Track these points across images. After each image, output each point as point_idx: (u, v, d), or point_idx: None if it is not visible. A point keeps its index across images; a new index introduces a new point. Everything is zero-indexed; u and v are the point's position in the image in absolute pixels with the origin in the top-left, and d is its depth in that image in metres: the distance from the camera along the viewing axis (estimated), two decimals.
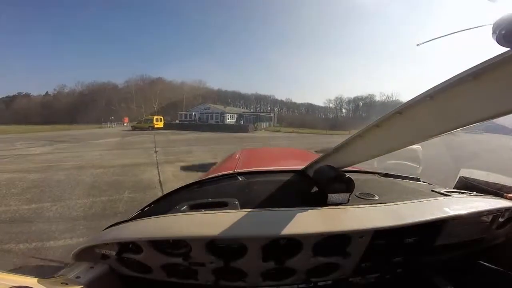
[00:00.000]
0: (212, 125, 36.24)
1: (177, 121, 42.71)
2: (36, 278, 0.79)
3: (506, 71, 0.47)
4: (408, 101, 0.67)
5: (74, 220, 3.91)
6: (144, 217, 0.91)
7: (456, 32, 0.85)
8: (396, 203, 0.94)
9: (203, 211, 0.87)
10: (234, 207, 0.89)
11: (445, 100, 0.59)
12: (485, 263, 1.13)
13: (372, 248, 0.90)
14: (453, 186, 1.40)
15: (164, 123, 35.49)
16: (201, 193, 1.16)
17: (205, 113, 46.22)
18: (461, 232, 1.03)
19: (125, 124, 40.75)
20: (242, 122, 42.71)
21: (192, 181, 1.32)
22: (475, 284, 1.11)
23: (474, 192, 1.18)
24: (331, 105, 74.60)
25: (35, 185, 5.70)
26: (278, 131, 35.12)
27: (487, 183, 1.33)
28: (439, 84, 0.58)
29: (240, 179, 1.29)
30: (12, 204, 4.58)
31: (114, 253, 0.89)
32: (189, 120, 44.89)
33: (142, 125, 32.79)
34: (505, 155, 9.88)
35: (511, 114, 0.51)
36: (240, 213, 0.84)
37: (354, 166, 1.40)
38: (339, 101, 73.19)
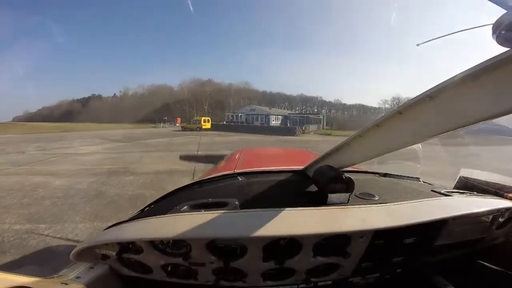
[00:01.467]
0: (257, 127, 34.89)
1: (224, 122, 42.94)
2: (36, 278, 0.79)
3: (506, 71, 0.46)
4: (408, 101, 0.65)
5: (54, 258, 2.64)
6: (144, 217, 0.88)
7: (456, 32, 0.89)
8: (396, 203, 0.92)
9: (203, 211, 0.85)
10: (234, 207, 0.88)
11: (445, 100, 0.58)
12: (485, 263, 1.11)
13: (372, 248, 0.88)
14: (453, 186, 1.37)
15: (211, 124, 35.78)
16: (201, 193, 1.13)
17: (251, 114, 45.60)
18: (461, 232, 1.01)
19: (177, 124, 42.58)
20: (288, 124, 40.24)
21: (192, 181, 1.27)
22: (475, 284, 1.09)
23: (474, 192, 1.17)
24: (386, 105, 66.91)
25: (51, 195, 4.82)
26: (329, 134, 31.65)
27: (487, 183, 1.28)
28: (439, 84, 0.56)
29: (240, 179, 1.27)
30: (7, 221, 3.66)
31: (114, 253, 0.87)
32: (235, 121, 44.85)
33: (191, 126, 33.57)
34: None
35: (511, 114, 0.50)
36: (240, 213, 0.84)
37: (354, 166, 1.38)
38: (397, 101, 64.81)
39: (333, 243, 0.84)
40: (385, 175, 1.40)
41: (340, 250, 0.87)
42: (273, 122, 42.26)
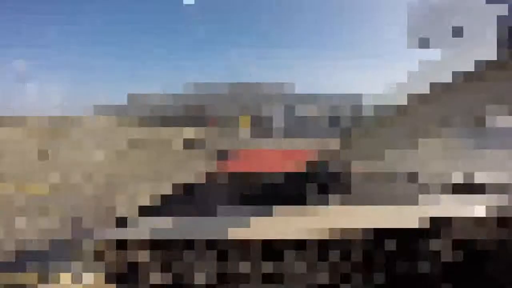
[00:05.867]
0: None
1: None
2: (36, 278, 0.75)
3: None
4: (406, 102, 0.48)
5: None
6: (142, 218, 0.67)
7: None
8: (390, 205, 0.79)
9: (198, 212, 0.75)
10: (227, 209, 0.75)
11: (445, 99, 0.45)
12: (485, 263, 1.12)
13: (367, 250, 0.76)
14: (449, 187, 1.34)
15: None
16: (197, 194, 1.19)
17: None
18: (459, 233, 1.03)
19: None
20: None
21: (189, 182, 1.30)
22: (475, 285, 1.11)
23: (470, 193, 1.18)
24: None
25: None
26: None
27: (482, 183, 1.24)
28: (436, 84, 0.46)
29: (233, 180, 1.33)
30: None
31: (114, 253, 0.75)
32: None
33: None
34: None
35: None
36: (232, 215, 0.76)
37: (349, 167, 1.39)
38: None
39: (321, 246, 0.82)
40: (380, 176, 1.39)
41: (326, 253, 0.80)
42: None
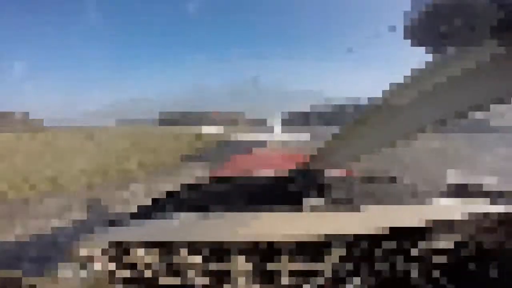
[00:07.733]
0: None
1: None
2: (34, 277, 0.83)
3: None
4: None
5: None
6: (141, 218, 0.96)
7: None
8: (378, 208, 0.95)
9: (192, 215, 0.93)
10: (221, 211, 0.95)
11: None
12: (482, 264, 1.09)
13: (351, 254, 0.91)
14: (439, 189, 1.37)
15: None
16: (192, 197, 1.22)
17: None
18: (450, 237, 0.99)
19: None
20: None
21: (184, 183, 1.36)
22: (474, 285, 1.09)
23: (459, 195, 1.19)
24: None
25: None
26: None
27: (471, 184, 1.27)
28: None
29: (231, 182, 1.36)
30: None
31: (112, 253, 0.92)
32: None
33: None
34: None
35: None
36: (227, 217, 0.93)
37: (337, 170, 1.46)
38: None
39: (310, 249, 0.89)
40: (369, 178, 1.43)
41: (317, 256, 0.89)
42: None
